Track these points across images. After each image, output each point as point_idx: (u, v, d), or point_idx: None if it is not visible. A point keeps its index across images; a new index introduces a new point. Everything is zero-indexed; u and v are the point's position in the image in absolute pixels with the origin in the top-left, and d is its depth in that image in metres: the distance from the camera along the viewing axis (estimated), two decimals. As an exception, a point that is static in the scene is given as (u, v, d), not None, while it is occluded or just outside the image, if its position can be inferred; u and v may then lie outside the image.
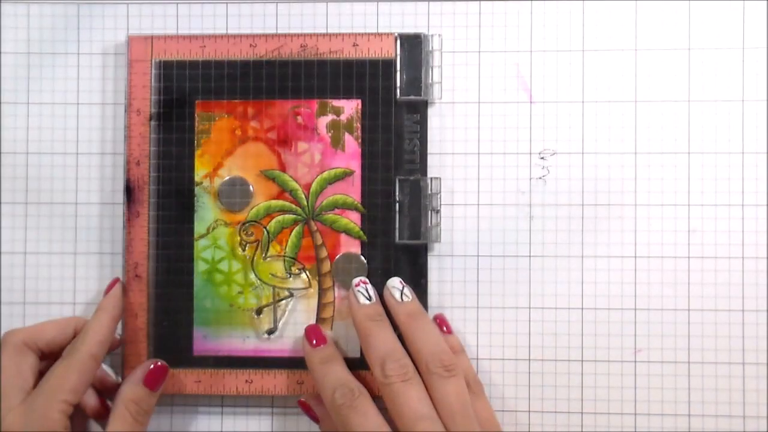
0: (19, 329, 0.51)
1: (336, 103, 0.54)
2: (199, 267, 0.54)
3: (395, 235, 0.53)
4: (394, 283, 0.52)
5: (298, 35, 0.54)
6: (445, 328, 0.52)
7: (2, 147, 0.55)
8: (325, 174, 0.54)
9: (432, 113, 0.54)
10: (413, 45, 0.54)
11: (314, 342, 0.51)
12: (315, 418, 0.52)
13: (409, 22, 0.54)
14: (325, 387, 0.49)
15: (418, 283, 0.53)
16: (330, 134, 0.54)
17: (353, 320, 0.51)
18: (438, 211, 0.53)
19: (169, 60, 0.54)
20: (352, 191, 0.54)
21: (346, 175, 0.54)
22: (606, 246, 0.53)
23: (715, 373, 0.53)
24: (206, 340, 0.54)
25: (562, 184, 0.53)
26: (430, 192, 0.53)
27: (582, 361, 0.53)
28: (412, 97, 0.53)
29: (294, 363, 0.53)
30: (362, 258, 0.53)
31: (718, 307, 0.53)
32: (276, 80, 0.54)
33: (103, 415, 0.52)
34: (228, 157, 0.54)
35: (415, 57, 0.54)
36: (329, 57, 0.54)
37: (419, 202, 0.53)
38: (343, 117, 0.54)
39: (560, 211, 0.53)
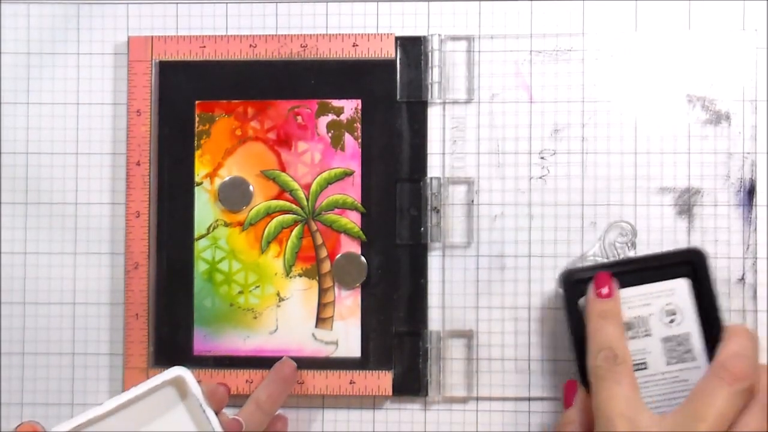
0: None
1: (336, 103, 0.54)
2: (200, 267, 0.54)
3: (395, 235, 0.53)
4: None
5: (298, 35, 0.54)
6: None
7: (2, 147, 0.55)
8: (325, 174, 0.54)
9: (432, 113, 0.54)
10: (413, 45, 0.54)
11: (601, 292, 0.48)
12: (567, 402, 0.50)
13: (409, 22, 0.54)
14: (593, 344, 0.47)
15: (418, 283, 0.53)
16: (330, 134, 0.54)
17: (586, 312, 0.48)
18: (438, 211, 0.53)
19: (169, 60, 0.54)
20: (352, 191, 0.54)
21: (346, 175, 0.54)
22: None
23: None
24: (206, 340, 0.54)
25: (562, 184, 0.53)
26: (430, 192, 0.53)
27: (582, 360, 0.53)
28: (412, 98, 0.54)
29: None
30: (362, 258, 0.53)
31: (719, 307, 0.52)
32: (276, 80, 0.54)
33: None
34: (228, 157, 0.54)
35: (414, 57, 0.54)
36: (329, 57, 0.54)
37: (419, 202, 0.53)
38: (343, 117, 0.54)
39: (560, 211, 0.53)
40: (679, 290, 0.49)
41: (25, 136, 0.55)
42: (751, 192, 0.53)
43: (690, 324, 0.49)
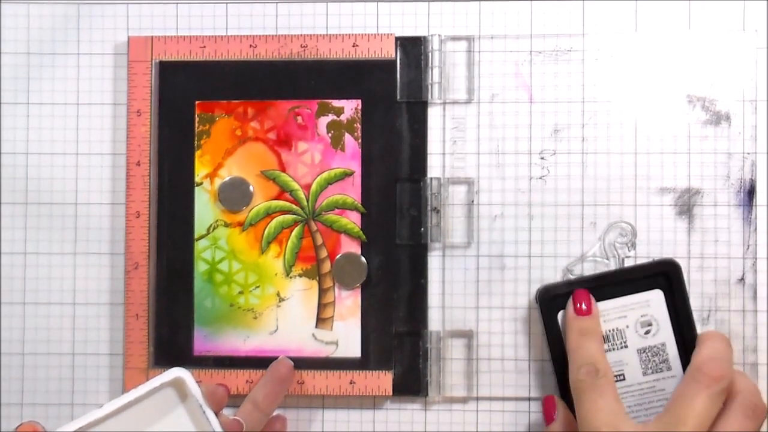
0: None
1: (336, 103, 0.54)
2: (200, 267, 0.54)
3: (395, 235, 0.53)
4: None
5: (298, 35, 0.54)
6: None
7: (2, 147, 0.55)
8: (325, 174, 0.54)
9: (432, 113, 0.54)
10: (413, 45, 0.54)
11: (580, 308, 0.50)
12: (549, 418, 0.50)
13: (409, 22, 0.54)
14: (574, 360, 0.48)
15: (418, 283, 0.53)
16: (330, 135, 0.54)
17: (566, 329, 0.50)
18: (438, 211, 0.53)
19: (169, 60, 0.54)
20: (352, 191, 0.54)
21: (346, 175, 0.54)
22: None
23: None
24: (206, 340, 0.54)
25: (562, 184, 0.53)
26: (430, 192, 0.53)
27: (582, 360, 0.53)
28: (412, 98, 0.54)
29: (294, 363, 0.53)
30: (362, 258, 0.53)
31: (719, 307, 0.53)
32: (276, 80, 0.54)
33: None
34: (228, 158, 0.54)
35: (414, 57, 0.54)
36: (329, 57, 0.54)
37: (419, 202, 0.53)
38: (343, 117, 0.54)
39: (560, 211, 0.53)
40: (654, 301, 0.50)
41: (25, 136, 0.55)
42: (751, 192, 0.53)
43: (665, 334, 0.50)
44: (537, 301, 0.52)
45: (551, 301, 0.51)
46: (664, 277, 0.50)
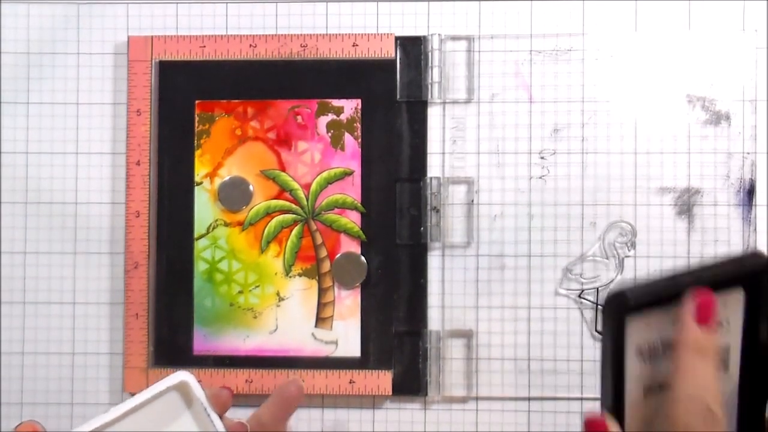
0: None
1: (336, 103, 0.54)
2: (200, 267, 0.54)
3: (395, 235, 0.53)
4: None
5: (298, 35, 0.54)
6: None
7: (2, 147, 0.55)
8: (325, 174, 0.54)
9: (432, 113, 0.54)
10: (413, 45, 0.54)
11: (706, 320, 0.38)
12: None
13: (409, 22, 0.54)
14: (683, 387, 0.37)
15: (418, 282, 0.53)
16: (330, 134, 0.54)
17: (675, 340, 0.38)
18: (438, 211, 0.53)
19: (169, 60, 0.54)
20: (351, 191, 0.54)
21: (346, 174, 0.54)
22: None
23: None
24: (206, 340, 0.54)
25: (562, 184, 0.53)
26: (429, 192, 0.53)
27: (582, 360, 0.53)
28: (412, 98, 0.54)
29: (294, 363, 0.53)
30: (362, 258, 0.53)
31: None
32: (276, 80, 0.54)
33: None
34: (228, 157, 0.54)
35: (414, 57, 0.54)
36: (329, 57, 0.54)
37: (419, 202, 0.53)
38: (343, 117, 0.54)
39: (560, 211, 0.53)
40: (731, 301, 0.41)
41: (25, 136, 0.55)
42: (751, 192, 0.53)
43: (733, 336, 0.41)
44: (611, 305, 0.38)
45: (627, 311, 0.38)
46: (748, 276, 0.40)
